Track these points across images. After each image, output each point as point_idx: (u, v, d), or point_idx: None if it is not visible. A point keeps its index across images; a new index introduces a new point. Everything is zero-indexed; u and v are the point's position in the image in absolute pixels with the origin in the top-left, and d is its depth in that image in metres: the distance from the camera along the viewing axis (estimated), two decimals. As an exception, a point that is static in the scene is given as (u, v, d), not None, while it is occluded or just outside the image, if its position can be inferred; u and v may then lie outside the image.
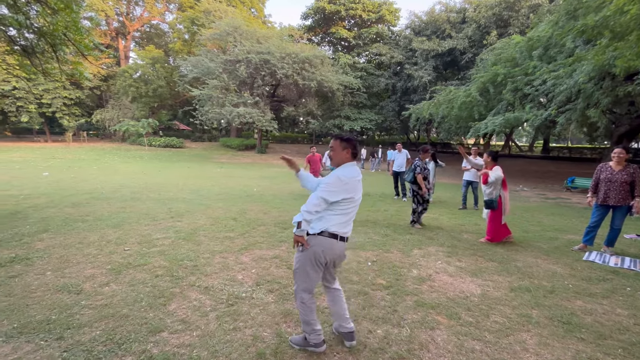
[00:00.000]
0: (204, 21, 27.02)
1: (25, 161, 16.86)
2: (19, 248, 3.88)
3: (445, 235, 5.22)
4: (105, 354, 2.02)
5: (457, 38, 23.17)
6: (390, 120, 28.01)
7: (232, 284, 3.11)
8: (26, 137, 32.46)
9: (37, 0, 4.87)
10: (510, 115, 12.05)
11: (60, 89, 27.93)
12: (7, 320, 2.35)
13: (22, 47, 5.79)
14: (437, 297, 3.01)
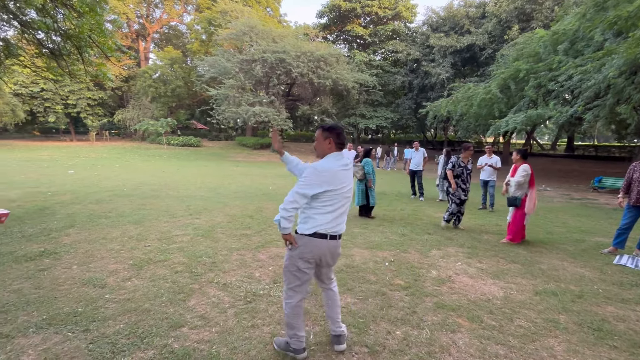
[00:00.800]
0: (220, 21, 27.40)
1: (53, 159, 17.61)
2: (48, 242, 4.04)
3: (464, 235, 5.08)
4: (129, 347, 2.07)
5: (477, 34, 22.54)
6: (406, 118, 27.60)
7: (249, 281, 3.13)
8: (53, 137, 33.92)
9: (64, 4, 5.05)
10: (532, 112, 11.62)
11: (84, 90, 29.03)
12: (37, 311, 2.44)
13: (50, 50, 6.03)
14: (458, 299, 2.93)
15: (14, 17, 5.43)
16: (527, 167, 4.62)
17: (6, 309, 2.47)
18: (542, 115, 11.41)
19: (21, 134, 32.94)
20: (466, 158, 5.42)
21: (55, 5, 5.05)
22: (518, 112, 12.37)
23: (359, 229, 5.26)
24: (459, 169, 5.38)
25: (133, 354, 2.01)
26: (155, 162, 18.90)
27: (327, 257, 2.04)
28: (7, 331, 2.19)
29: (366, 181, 6.06)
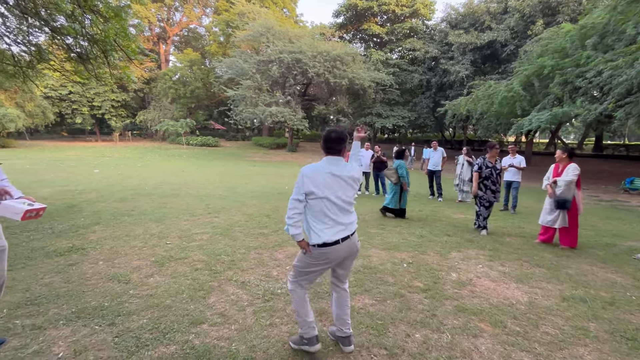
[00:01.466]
0: (238, 23, 27.82)
1: (79, 159, 18.40)
2: (75, 239, 4.22)
3: (485, 237, 4.94)
4: (152, 342, 2.13)
5: (498, 30, 21.86)
6: (424, 117, 27.11)
7: (267, 280, 3.16)
8: (80, 137, 35.41)
9: (91, 10, 5.26)
10: (558, 110, 11.16)
11: (109, 92, 30.19)
12: (66, 304, 2.55)
13: (78, 54, 6.28)
14: (479, 303, 2.85)
15: (45, 23, 5.70)
16: (577, 166, 4.39)
17: (39, 301, 2.59)
18: (569, 113, 10.93)
19: (51, 135, 34.60)
20: (493, 157, 5.13)
21: (83, 11, 5.26)
22: (542, 110, 11.90)
23: (376, 229, 5.21)
24: (487, 169, 5.06)
25: (156, 349, 2.07)
26: (175, 161, 19.41)
27: (345, 258, 2.06)
28: (39, 322, 2.30)
29: (401, 183, 5.94)
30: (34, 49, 6.10)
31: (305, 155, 25.60)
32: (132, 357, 1.98)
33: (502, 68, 22.16)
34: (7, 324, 2.27)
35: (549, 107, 12.01)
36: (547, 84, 12.06)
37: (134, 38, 6.06)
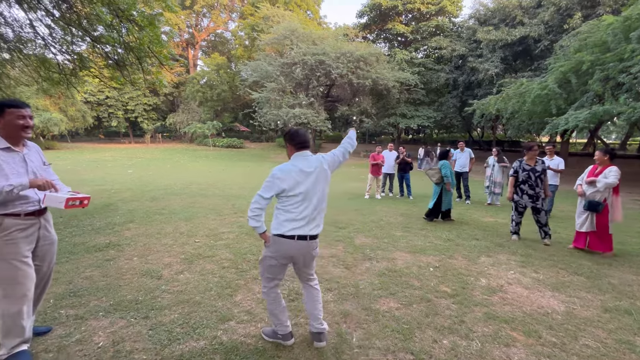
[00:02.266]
0: (263, 27, 28.35)
1: (115, 160, 19.47)
2: (112, 235, 4.47)
3: (517, 242, 4.72)
4: (183, 336, 2.22)
5: (531, 25, 20.80)
6: (450, 117, 26.30)
7: (292, 280, 3.19)
8: (115, 139, 37.50)
9: (128, 20, 5.56)
10: (598, 108, 10.45)
11: (141, 97, 31.81)
12: (105, 297, 2.71)
13: (115, 61, 6.66)
14: (511, 311, 2.72)
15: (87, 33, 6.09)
16: (619, 170, 4.14)
17: (80, 293, 2.77)
18: (610, 111, 10.21)
19: (89, 137, 36.90)
20: (531, 159, 4.74)
21: (121, 20, 5.57)
22: (580, 109, 11.20)
23: (401, 232, 5.12)
24: (524, 173, 4.72)
25: (186, 343, 2.15)
26: (202, 162, 20.07)
27: (299, 258, 2.11)
28: (81, 313, 2.46)
29: (444, 184, 5.84)
30: (76, 57, 6.53)
31: (328, 157, 25.60)
32: (164, 350, 2.07)
33: (535, 65, 21.08)
34: (54, 313, 2.45)
35: (588, 105, 11.28)
36: (585, 80, 11.34)
37: (165, 44, 6.34)
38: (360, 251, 4.10)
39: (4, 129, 1.89)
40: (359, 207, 7.07)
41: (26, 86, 7.98)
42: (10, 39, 6.09)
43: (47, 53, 6.53)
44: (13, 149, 1.93)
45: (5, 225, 1.85)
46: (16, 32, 6.03)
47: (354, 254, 3.99)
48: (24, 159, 1.97)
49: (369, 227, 5.35)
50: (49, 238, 2.11)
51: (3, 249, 1.85)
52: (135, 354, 2.02)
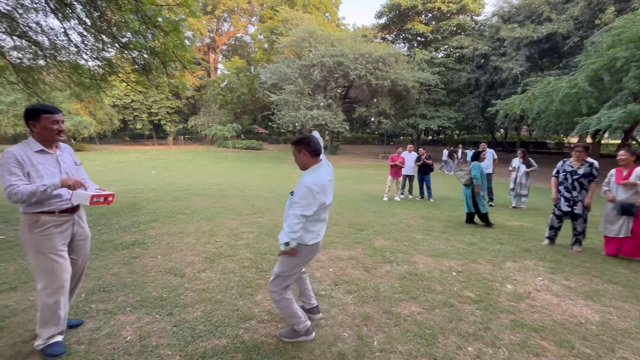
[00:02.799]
0: (282, 30, 28.69)
1: (139, 161, 20.21)
2: (137, 234, 4.63)
3: (545, 248, 4.52)
4: (206, 334, 2.26)
5: (559, 21, 19.94)
6: (472, 117, 25.59)
7: (311, 281, 3.18)
8: (139, 141, 38.93)
9: (154, 26, 5.77)
10: (633, 107, 9.86)
11: (164, 100, 32.89)
12: (132, 293, 2.80)
13: (142, 66, 6.92)
14: (541, 319, 2.60)
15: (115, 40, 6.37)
16: None
17: (109, 288, 2.88)
18: (647, 110, 9.62)
19: (115, 139, 38.50)
20: (577, 160, 4.41)
21: (147, 27, 5.79)
22: (613, 108, 10.62)
23: (422, 235, 5.02)
24: (563, 174, 4.51)
25: (209, 340, 2.19)
26: (222, 163, 20.50)
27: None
28: (110, 308, 2.55)
29: (473, 187, 5.68)
30: (106, 63, 6.83)
31: (345, 158, 25.56)
32: (188, 347, 2.11)
33: (564, 62, 20.18)
34: (85, 307, 2.55)
35: (622, 103, 10.67)
36: (619, 78, 10.74)
37: (189, 49, 6.52)
38: (379, 254, 4.05)
39: (39, 133, 2.01)
40: (377, 209, 6.99)
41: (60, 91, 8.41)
42: (46, 47, 6.44)
43: (79, 59, 6.86)
44: (47, 151, 2.04)
45: (41, 222, 1.96)
46: (51, 40, 6.38)
47: (374, 257, 3.94)
48: (57, 160, 2.08)
49: (388, 229, 5.28)
50: (82, 234, 2.21)
51: (40, 243, 1.96)
52: (161, 350, 2.07)
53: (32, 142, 2.01)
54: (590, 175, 4.34)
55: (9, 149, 1.92)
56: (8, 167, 1.87)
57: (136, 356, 2.01)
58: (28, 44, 6.33)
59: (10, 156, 1.89)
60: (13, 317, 2.39)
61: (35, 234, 1.95)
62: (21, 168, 1.90)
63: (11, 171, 1.87)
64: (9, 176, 1.86)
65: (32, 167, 1.94)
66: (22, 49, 6.59)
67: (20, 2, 5.63)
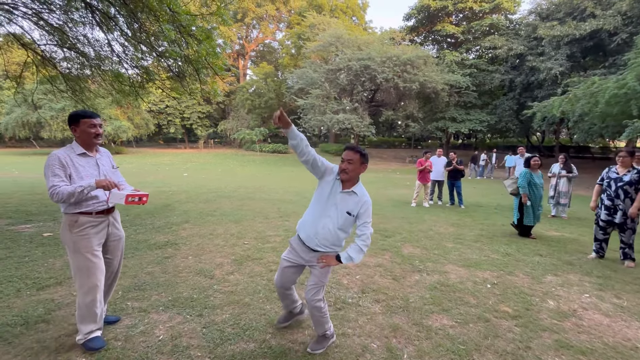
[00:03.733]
0: (309, 35, 29.03)
1: (172, 164, 21.14)
2: (170, 234, 4.80)
3: (591, 262, 4.18)
4: (234, 337, 2.28)
5: (605, 16, 18.60)
6: (506, 120, 24.39)
7: (338, 288, 3.14)
8: (172, 145, 40.76)
9: (188, 34, 6.02)
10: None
11: (196, 105, 34.32)
12: (164, 293, 2.90)
13: (176, 73, 7.25)
14: (589, 341, 2.39)
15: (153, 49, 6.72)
16: None
17: (143, 287, 2.99)
18: None
19: (150, 143, 40.57)
20: (624, 166, 4.11)
21: (182, 36, 6.05)
22: (668, 109, 9.71)
23: (453, 243, 4.82)
24: (606, 181, 4.18)
25: (237, 344, 2.20)
26: (249, 167, 20.97)
27: None
28: (144, 306, 2.65)
29: (520, 196, 5.23)
30: (143, 71, 7.22)
31: (371, 162, 25.24)
32: (217, 349, 2.14)
33: (610, 61, 18.78)
34: (122, 304, 2.67)
35: (679, 104, 9.73)
36: (675, 76, 9.82)
37: (220, 56, 6.74)
38: (408, 262, 3.93)
39: (80, 136, 2.14)
40: (405, 215, 6.82)
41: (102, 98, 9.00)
42: (91, 57, 6.92)
43: (121, 68, 7.31)
44: (88, 154, 2.17)
45: (80, 222, 2.08)
46: (96, 50, 6.84)
47: (402, 265, 3.82)
48: (96, 163, 2.20)
49: (416, 236, 5.11)
50: (117, 234, 2.32)
51: (79, 243, 2.07)
52: (191, 350, 2.11)
53: (75, 146, 2.14)
54: (638, 183, 3.96)
55: (54, 151, 2.06)
56: (52, 168, 2.00)
57: (168, 355, 2.06)
58: (76, 55, 6.82)
59: (55, 158, 2.02)
60: (58, 310, 2.55)
61: (74, 234, 2.06)
62: (64, 170, 2.03)
63: (55, 172, 2.00)
64: (53, 177, 1.99)
65: (74, 169, 2.07)
66: (71, 59, 7.10)
67: (70, 17, 6.09)
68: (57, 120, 24.47)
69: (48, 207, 6.34)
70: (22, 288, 2.89)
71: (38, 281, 3.04)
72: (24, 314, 2.45)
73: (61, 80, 7.21)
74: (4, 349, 2.06)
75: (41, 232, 4.61)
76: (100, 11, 5.73)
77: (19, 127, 25.15)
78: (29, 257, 3.66)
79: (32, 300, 2.69)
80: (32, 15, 5.96)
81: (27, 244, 4.11)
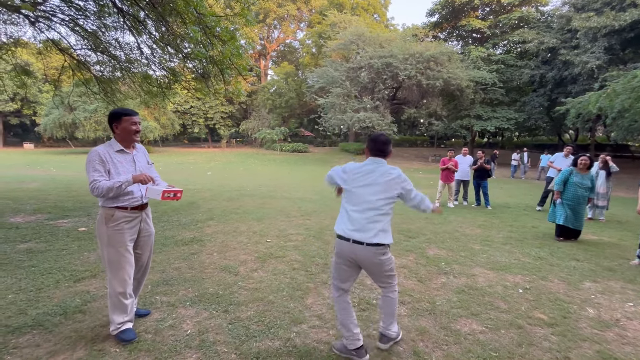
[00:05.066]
0: (330, 34, 28.95)
1: (196, 163, 21.75)
2: (195, 231, 4.93)
3: (635, 268, 3.89)
4: (259, 334, 2.29)
5: (646, 5, 17.37)
6: (535, 117, 23.29)
7: (361, 288, 3.10)
8: (196, 144, 41.99)
9: (213, 36, 6.15)
10: None
11: (219, 105, 35.13)
12: (191, 288, 2.97)
13: (201, 74, 7.42)
14: (635, 353, 2.22)
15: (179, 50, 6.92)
16: None
17: (171, 282, 3.08)
18: None
19: (176, 142, 41.96)
20: None
21: (207, 37, 6.19)
22: None
23: (480, 245, 4.64)
24: None
25: (262, 341, 2.21)
26: (270, 166, 21.22)
27: (356, 261, 2.07)
28: (172, 301, 2.72)
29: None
30: (170, 72, 7.45)
31: (393, 161, 24.87)
32: (243, 345, 2.16)
33: (652, 53, 17.52)
34: (151, 298, 2.76)
35: None
36: None
37: (244, 56, 6.84)
38: (434, 264, 3.82)
39: (120, 133, 2.22)
40: (428, 216, 6.64)
41: (131, 99, 9.38)
42: (122, 60, 7.22)
43: (149, 70, 7.58)
44: (125, 150, 2.25)
45: (116, 217, 2.16)
46: (126, 54, 7.13)
47: (427, 267, 3.72)
48: (133, 160, 2.28)
49: (441, 237, 4.97)
50: (148, 230, 2.39)
51: (113, 237, 2.15)
52: (218, 346, 2.14)
53: (113, 143, 2.23)
54: None
55: (94, 148, 2.15)
56: (93, 164, 2.09)
57: (195, 350, 2.10)
58: (108, 58, 7.13)
59: (96, 155, 2.11)
60: (94, 302, 2.66)
61: (109, 228, 2.15)
62: (103, 165, 2.11)
63: (95, 168, 2.08)
64: (93, 172, 2.07)
65: (113, 165, 2.15)
66: (103, 63, 7.44)
67: (103, 22, 6.37)
68: (90, 120, 25.78)
69: (83, 204, 6.68)
70: (61, 280, 3.05)
71: (75, 273, 3.20)
72: (62, 304, 2.58)
73: (94, 82, 7.56)
74: (45, 337, 2.17)
75: (77, 227, 4.86)
76: (130, 15, 5.95)
77: (56, 127, 26.72)
78: (67, 250, 3.87)
79: (69, 291, 2.83)
80: (69, 21, 6.28)
81: (64, 237, 4.34)
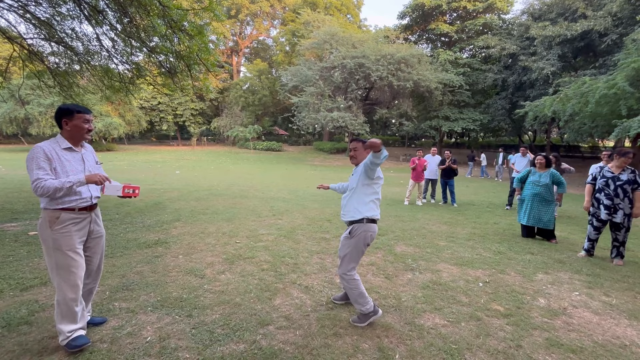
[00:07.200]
0: (303, 32, 28.90)
1: (164, 161, 20.89)
2: (160, 233, 4.73)
3: (581, 260, 4.22)
4: (223, 338, 2.23)
5: (595, 17, 18.85)
6: (498, 119, 24.63)
7: (330, 287, 3.12)
8: (164, 142, 40.33)
9: (180, 30, 5.91)
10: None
11: (189, 102, 33.95)
12: (153, 293, 2.84)
13: (167, 69, 7.13)
14: (579, 339, 2.40)
15: (143, 44, 6.59)
16: None
17: (132, 287, 2.93)
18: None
19: (143, 140, 40.08)
20: (619, 167, 4.12)
21: (173, 31, 5.94)
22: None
23: (445, 241, 4.83)
24: (602, 180, 4.17)
25: (227, 345, 2.16)
26: (243, 164, 20.83)
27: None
28: (132, 307, 2.59)
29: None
30: (134, 66, 7.08)
31: (366, 160, 25.27)
32: (206, 350, 2.09)
33: (600, 62, 19.07)
34: (109, 305, 2.61)
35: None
36: (664, 77, 9.98)
37: (213, 52, 6.64)
38: (401, 260, 3.92)
39: (70, 130, 2.08)
40: (398, 214, 6.82)
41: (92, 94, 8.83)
42: (80, 52, 6.76)
43: (110, 63, 7.15)
44: (74, 149, 2.11)
45: (61, 219, 2.01)
46: (85, 45, 6.68)
47: (395, 264, 3.82)
48: (82, 158, 2.14)
49: (409, 235, 5.12)
50: (98, 232, 2.26)
51: (59, 240, 2.00)
52: (179, 352, 2.07)
53: (60, 140, 2.08)
54: (635, 183, 4.00)
55: (38, 144, 1.99)
56: (37, 161, 1.93)
57: (155, 357, 2.01)
58: (64, 49, 6.65)
59: (40, 151, 1.95)
60: (42, 312, 2.47)
61: (54, 231, 2.00)
62: (49, 163, 1.96)
63: (39, 165, 1.93)
64: (37, 170, 1.92)
65: (59, 163, 2.01)
66: (59, 54, 6.93)
67: (58, 10, 5.93)
68: (46, 116, 24.00)
69: (35, 205, 6.20)
70: (5, 289, 2.81)
71: (22, 281, 2.96)
72: (5, 316, 2.38)
73: (49, 75, 7.02)
74: (-17, 353, 1.99)
75: (27, 231, 4.50)
76: (88, 4, 5.59)
77: (6, 123, 24.62)
78: (14, 256, 3.57)
79: (15, 301, 2.61)
80: (18, 8, 5.78)
81: (11, 243, 4.01)
